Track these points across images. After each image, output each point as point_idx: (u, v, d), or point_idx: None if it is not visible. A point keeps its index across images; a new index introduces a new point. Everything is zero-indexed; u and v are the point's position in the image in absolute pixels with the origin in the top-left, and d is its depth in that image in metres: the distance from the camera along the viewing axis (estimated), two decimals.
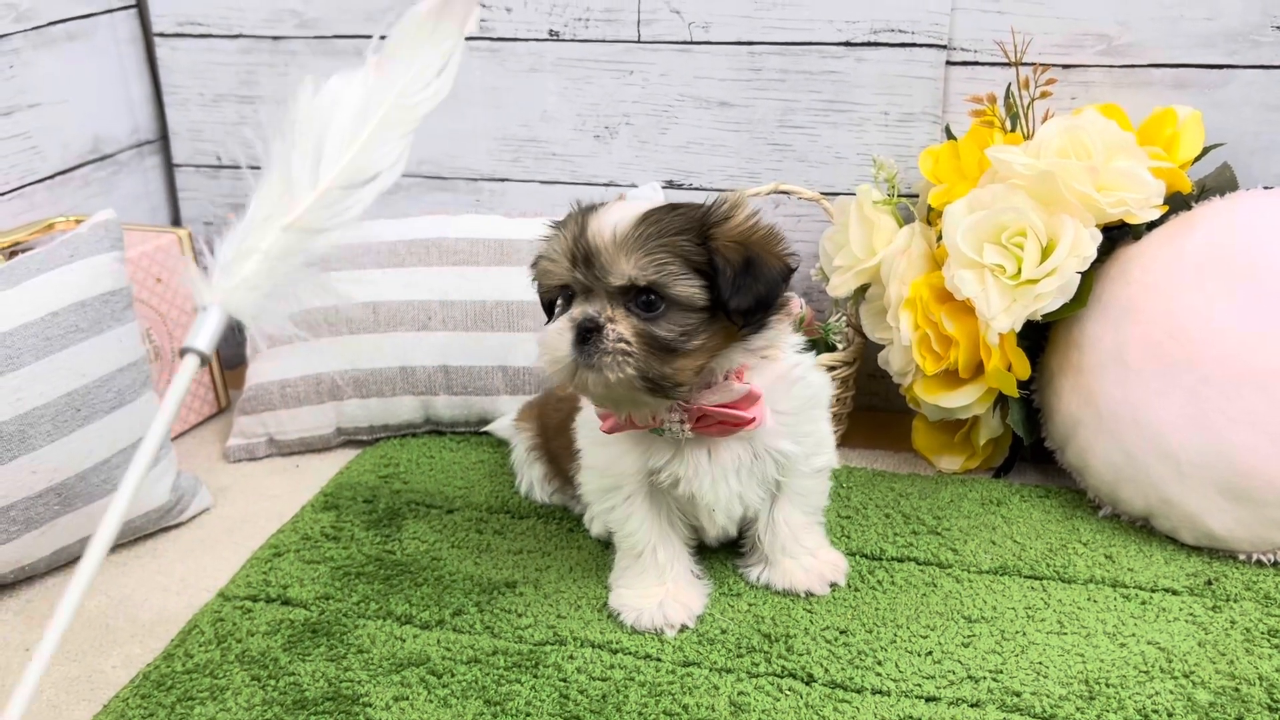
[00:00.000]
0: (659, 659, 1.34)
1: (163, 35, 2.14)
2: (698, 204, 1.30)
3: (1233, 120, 1.71)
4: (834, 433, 1.49)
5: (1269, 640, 1.34)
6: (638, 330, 1.23)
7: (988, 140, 1.68)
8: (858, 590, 1.46)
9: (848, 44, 1.83)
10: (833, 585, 1.46)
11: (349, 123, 1.01)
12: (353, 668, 1.33)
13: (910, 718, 1.23)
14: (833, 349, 1.80)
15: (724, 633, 1.38)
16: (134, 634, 1.46)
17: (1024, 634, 1.36)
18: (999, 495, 1.67)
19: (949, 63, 1.80)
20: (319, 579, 1.51)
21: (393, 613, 1.43)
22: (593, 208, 1.29)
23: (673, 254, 1.23)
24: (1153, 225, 1.60)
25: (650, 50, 1.92)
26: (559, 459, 1.60)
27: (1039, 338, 1.70)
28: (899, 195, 1.76)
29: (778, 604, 1.43)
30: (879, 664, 1.32)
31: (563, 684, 1.29)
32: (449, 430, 1.95)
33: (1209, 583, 1.45)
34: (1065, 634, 1.36)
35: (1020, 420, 1.70)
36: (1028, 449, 1.75)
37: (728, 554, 1.53)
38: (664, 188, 1.98)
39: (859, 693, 1.27)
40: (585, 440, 1.44)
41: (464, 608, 1.44)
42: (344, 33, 2.06)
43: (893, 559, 1.53)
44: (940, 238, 1.67)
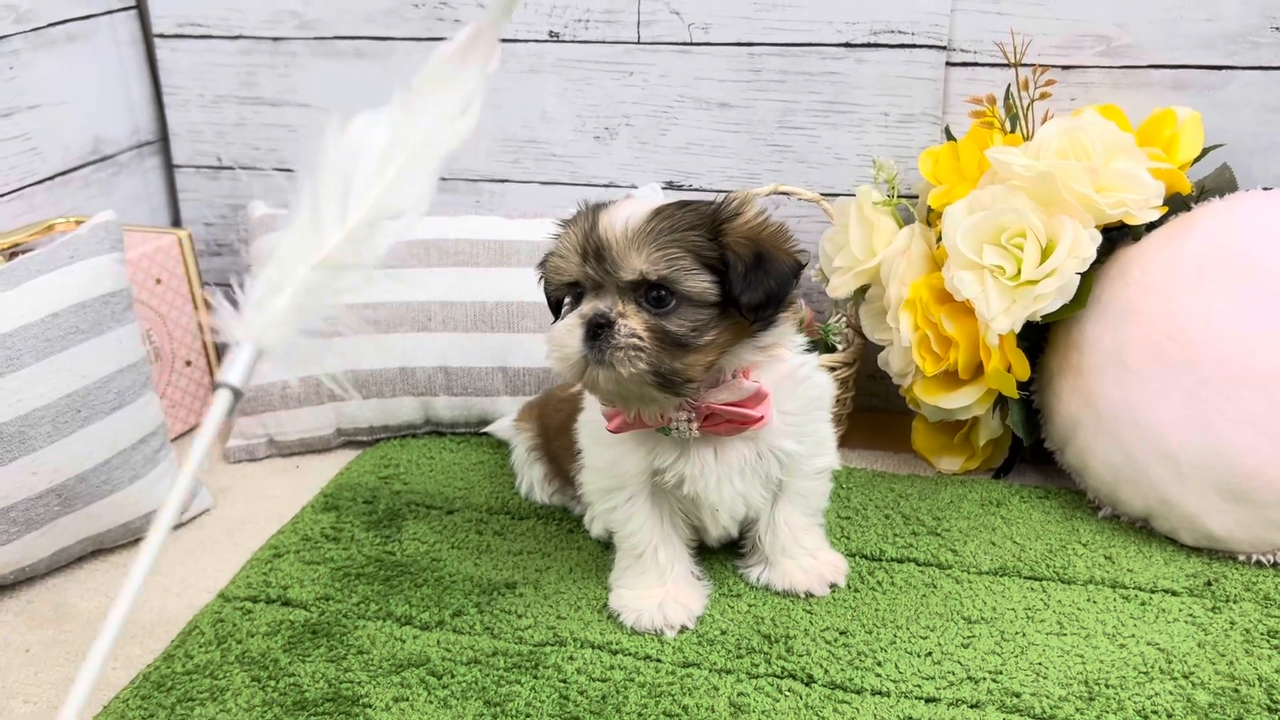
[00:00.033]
0: (659, 660, 1.34)
1: (163, 36, 2.14)
2: (708, 201, 1.30)
3: (1232, 121, 1.71)
4: (834, 433, 1.49)
5: (1268, 641, 1.34)
6: (649, 325, 1.23)
7: (987, 141, 1.68)
8: (857, 591, 1.46)
9: (847, 45, 1.83)
10: (832, 586, 1.46)
11: (375, 162, 1.02)
12: (353, 668, 1.34)
13: (910, 718, 1.23)
14: (832, 350, 1.80)
15: (724, 633, 1.38)
16: (134, 635, 1.46)
17: (1024, 635, 1.36)
18: (999, 496, 1.67)
19: (949, 64, 1.81)
20: (319, 580, 1.51)
21: (393, 613, 1.44)
22: (602, 205, 1.30)
23: (684, 249, 1.23)
24: (1152, 226, 1.61)
25: (650, 51, 1.92)
26: (559, 460, 1.60)
27: (1038, 339, 1.70)
28: (899, 196, 1.76)
29: (777, 605, 1.43)
30: (879, 665, 1.32)
31: (562, 685, 1.29)
32: (449, 431, 1.95)
33: (1208, 584, 1.45)
34: (1065, 635, 1.36)
35: (1020, 421, 1.70)
36: (1027, 450, 1.75)
37: (728, 555, 1.53)
38: (664, 189, 1.98)
39: (859, 693, 1.27)
40: (588, 440, 1.44)
41: (464, 609, 1.44)
42: (344, 34, 2.06)
43: (892, 560, 1.53)
44: (940, 239, 1.67)
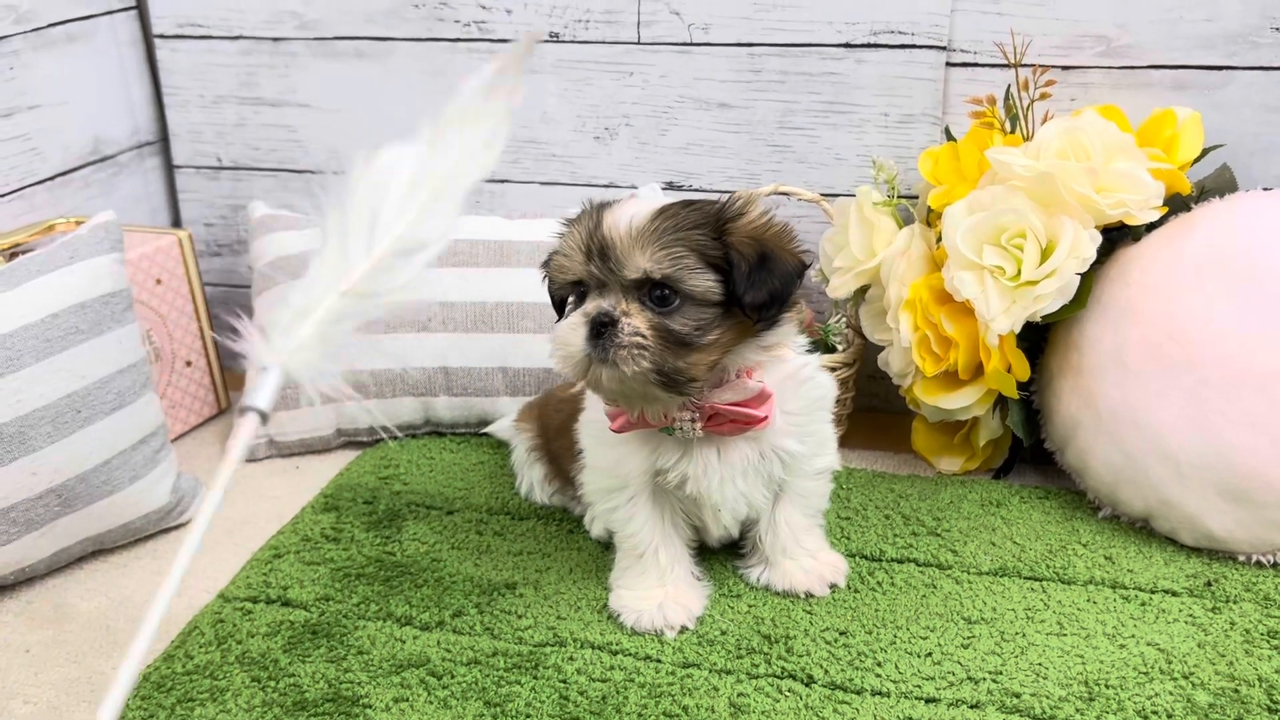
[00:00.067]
0: (659, 660, 1.34)
1: (163, 37, 2.14)
2: (712, 200, 1.30)
3: (1232, 121, 1.71)
4: (835, 434, 1.49)
5: (1268, 641, 1.34)
6: (653, 324, 1.23)
7: (987, 142, 1.68)
8: (857, 592, 1.46)
9: (847, 45, 1.83)
10: (832, 586, 1.46)
11: (402, 194, 1.05)
12: (353, 669, 1.34)
13: (910, 719, 1.23)
14: (832, 350, 1.80)
15: (724, 634, 1.38)
16: (134, 635, 1.46)
17: (1024, 635, 1.36)
18: (999, 496, 1.67)
19: (949, 64, 1.80)
20: (319, 580, 1.51)
21: (393, 614, 1.44)
22: (607, 204, 1.30)
23: (688, 248, 1.23)
24: (1152, 227, 1.61)
25: (650, 52, 1.92)
26: (560, 460, 1.60)
27: (1038, 339, 1.70)
28: (899, 197, 1.76)
29: (777, 605, 1.43)
30: (879, 665, 1.32)
31: (562, 685, 1.30)
32: (449, 431, 1.95)
33: (1208, 584, 1.45)
34: (1065, 635, 1.36)
35: (1020, 421, 1.70)
36: (1027, 450, 1.75)
37: (728, 555, 1.53)
38: (664, 189, 1.98)
39: (859, 694, 1.27)
40: (590, 440, 1.44)
41: (464, 609, 1.44)
42: (344, 34, 2.06)
43: (892, 560, 1.53)
44: (940, 239, 1.67)
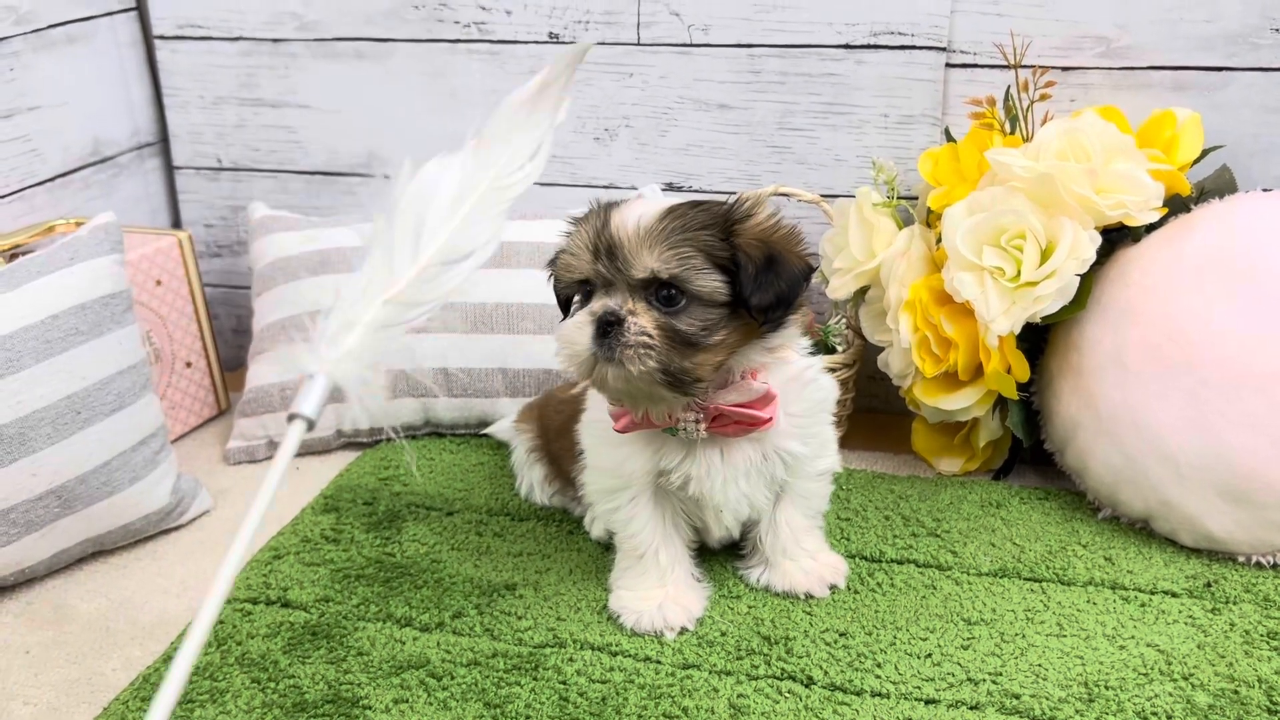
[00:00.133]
0: (659, 661, 1.34)
1: (163, 38, 2.14)
2: (720, 201, 1.30)
3: (1232, 122, 1.71)
4: (835, 435, 1.49)
5: (1268, 642, 1.34)
6: (659, 323, 1.23)
7: (987, 143, 1.68)
8: (857, 593, 1.46)
9: (847, 46, 1.83)
10: (832, 588, 1.46)
11: (447, 204, 1.07)
12: (352, 670, 1.34)
13: None
14: (832, 351, 1.80)
15: (724, 635, 1.38)
16: (134, 636, 1.46)
17: (1023, 636, 1.36)
18: (998, 497, 1.67)
19: (948, 65, 1.81)
20: (319, 581, 1.51)
21: (392, 615, 1.44)
22: (614, 203, 1.30)
23: (696, 249, 1.23)
24: (1152, 228, 1.61)
25: (650, 53, 1.92)
26: (560, 461, 1.60)
27: (1038, 340, 1.70)
28: (898, 197, 1.76)
29: (777, 606, 1.43)
30: (878, 666, 1.32)
31: (562, 686, 1.29)
32: (449, 432, 1.95)
33: (1208, 585, 1.45)
34: (1065, 636, 1.36)
35: (1020, 422, 1.70)
36: (1027, 451, 1.75)
37: (727, 556, 1.53)
38: (664, 190, 1.98)
39: (858, 695, 1.27)
40: (592, 440, 1.44)
41: (464, 610, 1.44)
42: (344, 35, 2.06)
43: (892, 561, 1.53)
44: (940, 240, 1.67)
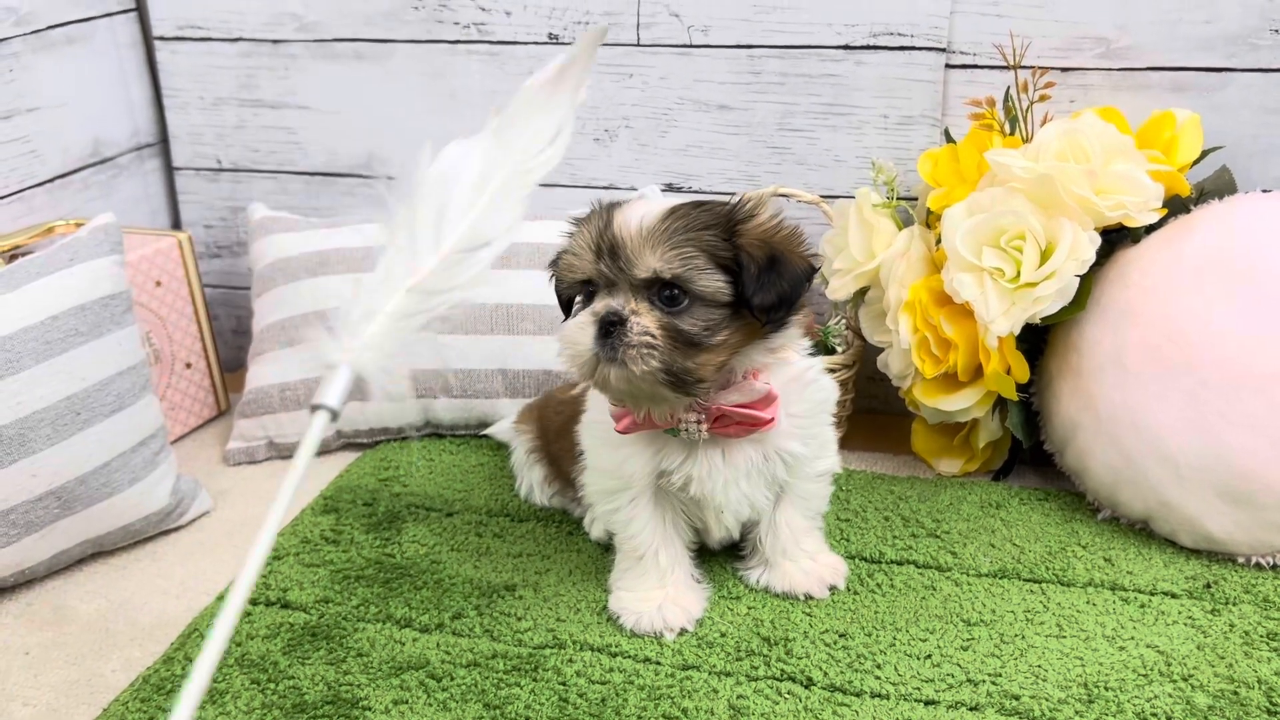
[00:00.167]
0: (658, 662, 1.34)
1: (163, 39, 2.14)
2: (723, 201, 1.30)
3: (1231, 123, 1.71)
4: (835, 436, 1.49)
5: (1268, 643, 1.34)
6: (662, 323, 1.24)
7: (987, 143, 1.68)
8: (857, 593, 1.46)
9: (847, 47, 1.83)
10: (832, 589, 1.46)
11: (468, 190, 1.05)
12: (352, 671, 1.34)
13: None
14: (832, 352, 1.80)
15: (723, 636, 1.38)
16: (134, 637, 1.46)
17: (1023, 637, 1.36)
18: (998, 498, 1.67)
19: (948, 66, 1.81)
20: (318, 582, 1.51)
21: (392, 616, 1.44)
22: (617, 203, 1.30)
23: (698, 249, 1.23)
24: (1151, 228, 1.61)
25: (649, 53, 1.92)
26: (560, 461, 1.60)
27: (1038, 341, 1.70)
28: (898, 198, 1.76)
29: (777, 607, 1.43)
30: (878, 667, 1.32)
31: (562, 687, 1.29)
32: (449, 433, 1.95)
33: (1208, 586, 1.45)
34: (1064, 637, 1.36)
35: (1019, 423, 1.70)
36: (1027, 452, 1.75)
37: (727, 557, 1.53)
38: (663, 191, 1.98)
39: (858, 696, 1.27)
40: (592, 441, 1.44)
41: (463, 611, 1.44)
42: (344, 36, 2.06)
43: (892, 562, 1.53)
44: (939, 241, 1.67)
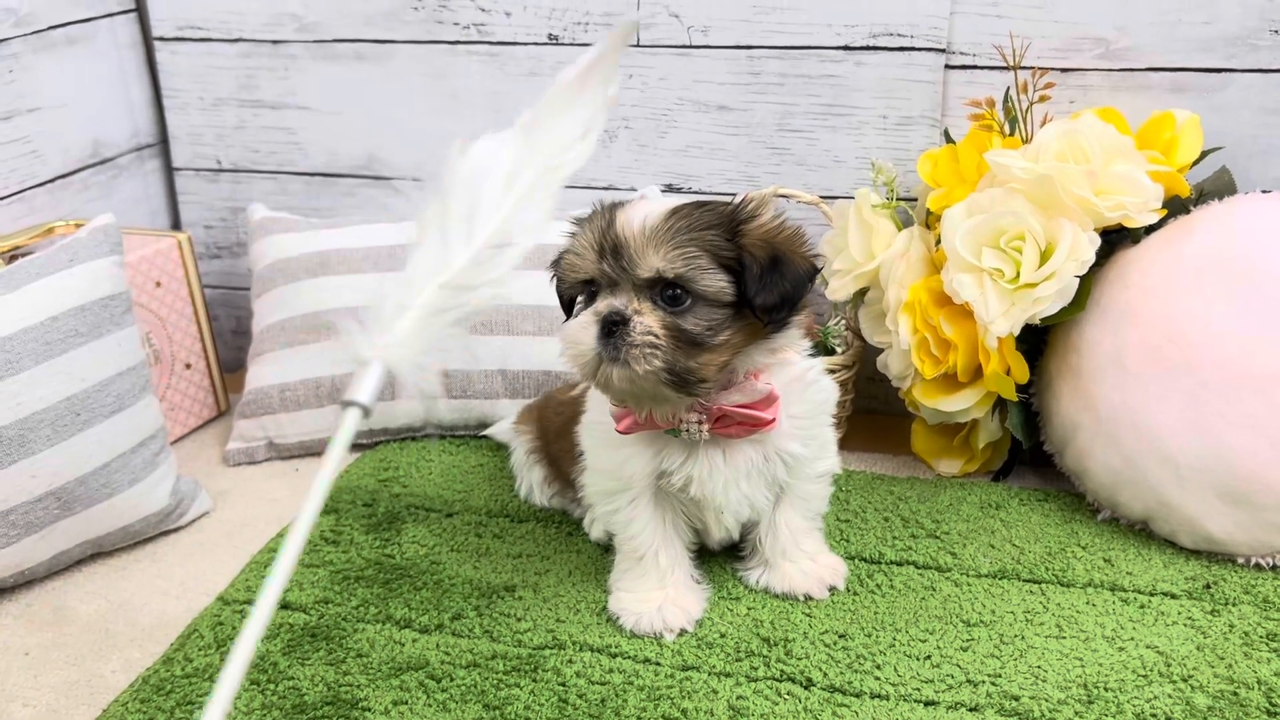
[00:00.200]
0: (658, 663, 1.34)
1: (163, 39, 2.14)
2: (725, 201, 1.30)
3: (1231, 124, 1.71)
4: (835, 436, 1.49)
5: (1267, 644, 1.34)
6: (665, 323, 1.24)
7: (986, 144, 1.68)
8: (856, 594, 1.46)
9: (846, 48, 1.83)
10: (831, 589, 1.46)
11: (499, 186, 1.05)
12: (352, 672, 1.34)
13: None
14: (831, 352, 1.80)
15: (723, 636, 1.38)
16: (133, 638, 1.46)
17: (1023, 638, 1.36)
18: (998, 499, 1.67)
19: (948, 66, 1.81)
20: (318, 583, 1.51)
21: (392, 617, 1.44)
22: (619, 203, 1.30)
23: (701, 249, 1.23)
24: (1151, 229, 1.61)
25: (649, 54, 1.92)
26: (559, 462, 1.60)
27: (1038, 341, 1.70)
28: (897, 199, 1.76)
29: (777, 608, 1.43)
30: (878, 668, 1.32)
31: (561, 688, 1.29)
32: (449, 433, 1.95)
33: (1208, 586, 1.45)
34: (1064, 638, 1.36)
35: (1019, 424, 1.70)
36: (1027, 452, 1.75)
37: (727, 558, 1.53)
38: (663, 191, 1.98)
39: (857, 696, 1.27)
40: (592, 442, 1.44)
41: (463, 612, 1.44)
42: (343, 36, 2.06)
43: (891, 563, 1.53)
44: (939, 241, 1.67)
